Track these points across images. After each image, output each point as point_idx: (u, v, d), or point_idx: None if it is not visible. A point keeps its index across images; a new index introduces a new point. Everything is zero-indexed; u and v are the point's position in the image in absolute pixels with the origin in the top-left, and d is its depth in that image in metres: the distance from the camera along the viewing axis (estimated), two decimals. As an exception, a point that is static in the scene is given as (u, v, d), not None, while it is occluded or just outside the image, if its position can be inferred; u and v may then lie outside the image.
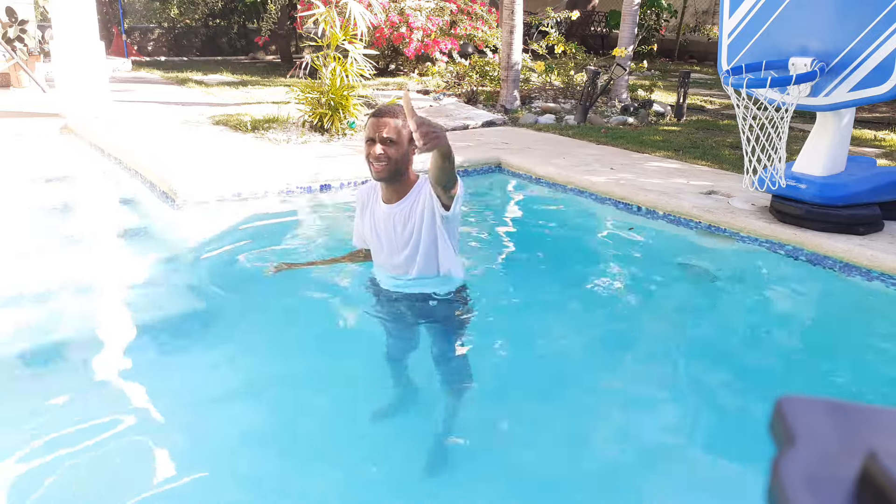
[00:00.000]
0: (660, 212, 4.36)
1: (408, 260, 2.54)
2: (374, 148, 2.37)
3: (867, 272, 3.42)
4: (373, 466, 2.16)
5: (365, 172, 5.29)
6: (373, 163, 2.39)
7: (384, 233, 2.55)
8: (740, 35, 3.86)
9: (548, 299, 3.35)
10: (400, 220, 2.50)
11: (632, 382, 2.72)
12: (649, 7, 14.51)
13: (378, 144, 2.37)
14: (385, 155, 2.36)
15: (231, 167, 5.06)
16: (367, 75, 6.78)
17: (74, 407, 2.38)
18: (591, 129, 7.29)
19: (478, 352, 2.67)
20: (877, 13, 3.30)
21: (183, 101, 8.64)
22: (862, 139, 7.19)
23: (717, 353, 3.00)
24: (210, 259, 3.82)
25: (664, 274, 3.83)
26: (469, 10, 11.42)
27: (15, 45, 8.84)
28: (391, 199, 2.51)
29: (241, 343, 2.90)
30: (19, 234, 4.17)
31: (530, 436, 2.36)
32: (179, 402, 2.45)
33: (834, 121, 3.74)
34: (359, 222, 2.73)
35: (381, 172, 2.40)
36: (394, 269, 2.60)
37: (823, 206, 3.69)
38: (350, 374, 2.68)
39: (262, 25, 12.67)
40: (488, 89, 9.39)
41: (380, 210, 2.56)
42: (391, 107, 2.44)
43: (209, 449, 2.21)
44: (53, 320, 3.03)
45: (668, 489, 2.10)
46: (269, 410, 2.48)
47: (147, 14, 17.45)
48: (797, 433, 0.34)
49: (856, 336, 3.19)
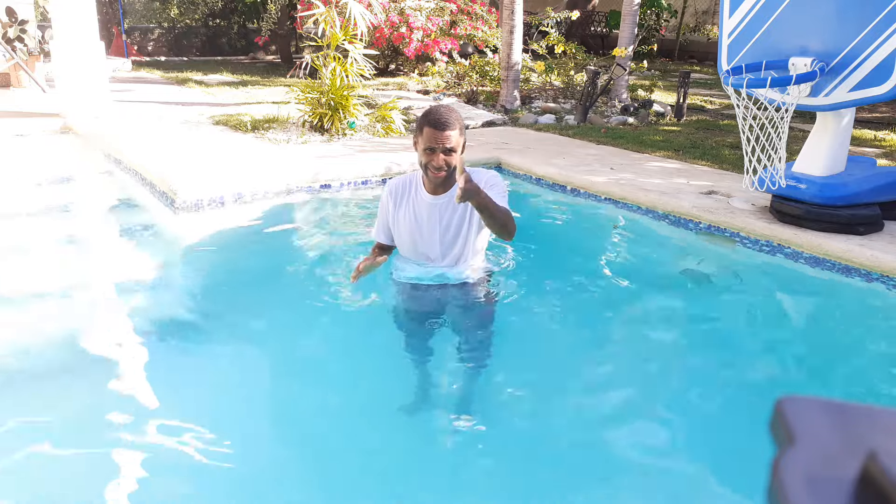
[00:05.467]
0: (660, 212, 4.36)
1: (444, 249, 2.68)
2: (437, 158, 2.48)
3: (867, 272, 3.42)
4: (386, 460, 2.16)
5: (365, 173, 5.28)
6: (432, 170, 2.50)
7: (426, 223, 2.66)
8: (740, 35, 3.86)
9: (547, 299, 3.34)
10: (447, 211, 2.63)
11: (630, 381, 2.72)
12: (649, 7, 14.50)
13: (441, 156, 2.47)
14: (447, 164, 2.49)
15: (231, 167, 5.05)
16: (367, 75, 6.78)
17: (74, 407, 2.38)
18: (591, 129, 7.29)
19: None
20: (877, 13, 3.30)
21: (183, 101, 8.64)
22: (862, 139, 7.19)
23: (716, 352, 3.00)
24: (210, 259, 3.82)
25: (664, 274, 3.82)
26: (469, 10, 11.42)
27: (15, 45, 8.84)
28: (437, 191, 2.63)
29: (241, 343, 2.89)
30: (19, 234, 4.17)
31: (528, 430, 2.37)
32: (181, 402, 2.45)
33: (834, 121, 3.74)
34: (389, 215, 2.78)
35: (440, 178, 2.53)
36: (426, 259, 2.73)
37: (823, 206, 3.69)
38: (362, 369, 2.69)
39: (262, 25, 12.68)
40: (488, 89, 9.39)
41: (422, 201, 2.66)
42: (446, 116, 2.46)
43: (211, 449, 2.21)
44: (52, 320, 3.03)
45: (668, 489, 2.10)
46: (280, 407, 2.48)
47: (147, 14, 17.45)
48: (797, 433, 0.34)
49: (856, 336, 3.20)
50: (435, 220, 2.65)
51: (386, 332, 2.91)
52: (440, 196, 2.63)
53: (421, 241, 2.71)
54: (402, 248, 2.82)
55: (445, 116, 2.45)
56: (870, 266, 3.41)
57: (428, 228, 2.67)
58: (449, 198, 2.62)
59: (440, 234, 2.67)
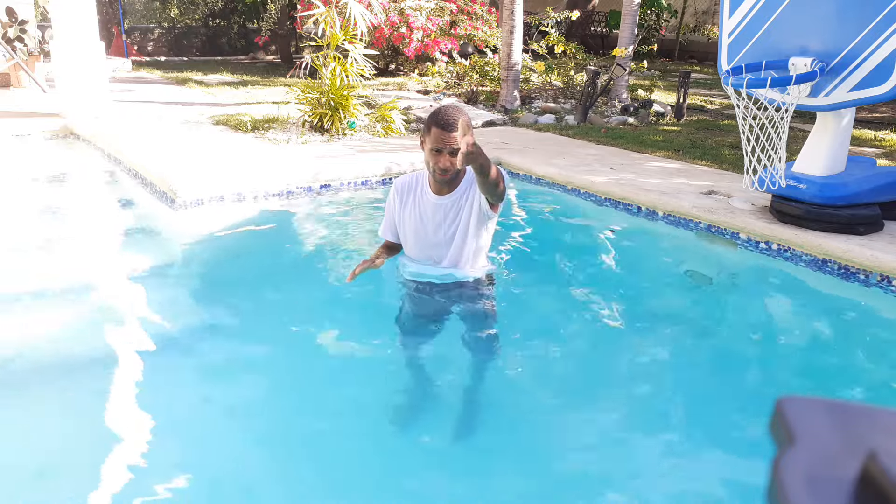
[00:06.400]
0: (660, 212, 4.36)
1: (449, 249, 2.70)
2: (443, 160, 2.49)
3: (867, 272, 3.42)
4: (387, 460, 2.16)
5: (365, 173, 5.28)
6: (439, 172, 2.52)
7: (431, 221, 2.68)
8: (740, 35, 3.86)
9: (547, 299, 3.35)
10: (451, 211, 2.65)
11: (630, 381, 2.72)
12: (649, 7, 14.51)
13: (447, 157, 2.48)
14: (453, 165, 2.49)
15: (231, 167, 5.05)
16: (367, 75, 6.78)
17: (75, 406, 2.38)
18: (591, 129, 7.29)
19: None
20: (877, 13, 3.30)
21: (183, 101, 8.64)
22: (862, 139, 7.19)
23: (716, 352, 3.00)
24: (209, 259, 3.82)
25: (663, 274, 3.83)
26: (469, 10, 11.42)
27: (15, 45, 8.84)
28: (442, 191, 2.65)
29: (241, 342, 2.89)
30: (19, 234, 4.17)
31: (528, 429, 2.37)
32: (180, 401, 2.45)
33: (834, 121, 3.74)
34: (395, 213, 2.81)
35: (446, 178, 2.55)
36: (431, 259, 2.75)
37: (823, 206, 3.69)
38: (362, 368, 2.68)
39: (262, 25, 12.68)
40: (488, 89, 9.39)
41: (427, 200, 2.68)
42: (454, 118, 2.43)
43: (211, 450, 2.21)
44: (51, 320, 3.03)
45: (668, 489, 2.10)
46: (280, 407, 2.47)
47: (147, 14, 17.45)
48: (797, 433, 0.34)
49: (856, 336, 3.19)
50: (439, 219, 2.67)
51: (387, 331, 2.91)
52: (445, 196, 2.65)
53: (425, 241, 2.74)
54: (407, 247, 2.84)
55: (453, 117, 2.42)
56: (870, 266, 3.41)
57: (433, 227, 2.69)
58: (454, 199, 2.65)
59: (444, 234, 2.69)
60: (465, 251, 2.71)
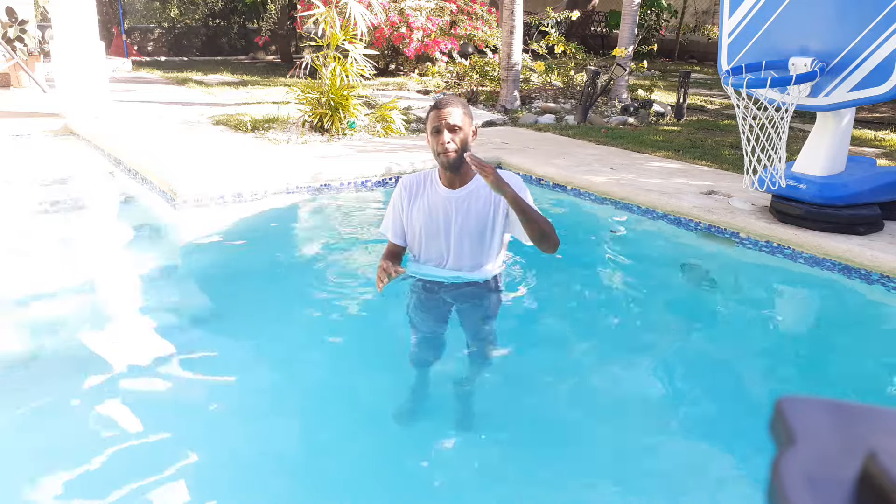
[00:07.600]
0: (660, 212, 4.36)
1: (459, 247, 2.62)
2: (442, 137, 2.46)
3: (867, 272, 3.42)
4: (388, 460, 2.16)
5: (365, 173, 5.28)
6: (442, 153, 2.48)
7: (442, 217, 2.61)
8: (740, 35, 3.86)
9: (548, 299, 3.34)
10: (463, 206, 2.58)
11: (630, 380, 2.72)
12: (649, 7, 14.51)
13: (445, 132, 2.46)
14: (453, 142, 2.47)
15: (231, 167, 5.06)
16: (367, 75, 6.78)
17: (76, 405, 2.38)
18: (591, 129, 7.29)
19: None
20: (877, 13, 3.30)
21: (183, 101, 8.64)
22: (862, 139, 7.19)
23: (716, 352, 3.00)
24: (209, 258, 3.82)
25: (663, 274, 3.82)
26: (469, 10, 11.43)
27: (15, 45, 8.84)
28: (454, 185, 2.60)
29: (241, 343, 2.89)
30: (19, 234, 4.17)
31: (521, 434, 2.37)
32: (180, 399, 2.45)
33: (834, 121, 3.74)
34: (402, 212, 2.70)
35: (452, 159, 2.49)
36: (440, 256, 2.67)
37: (823, 206, 3.69)
38: (363, 367, 2.68)
39: (262, 25, 12.69)
40: (488, 89, 9.39)
41: (438, 195, 2.62)
42: (447, 98, 2.53)
43: (212, 449, 2.21)
44: (51, 320, 3.03)
45: (668, 488, 2.10)
46: (280, 406, 2.47)
47: (147, 14, 17.46)
48: (797, 433, 0.34)
49: (856, 336, 3.19)
50: (451, 214, 2.58)
51: (390, 330, 2.91)
52: (457, 190, 2.57)
53: (435, 237, 2.64)
54: (415, 246, 2.72)
55: (447, 98, 2.52)
56: (870, 266, 3.41)
57: (443, 222, 2.59)
58: (466, 193, 2.57)
59: (455, 230, 2.59)
60: (476, 249, 2.62)
